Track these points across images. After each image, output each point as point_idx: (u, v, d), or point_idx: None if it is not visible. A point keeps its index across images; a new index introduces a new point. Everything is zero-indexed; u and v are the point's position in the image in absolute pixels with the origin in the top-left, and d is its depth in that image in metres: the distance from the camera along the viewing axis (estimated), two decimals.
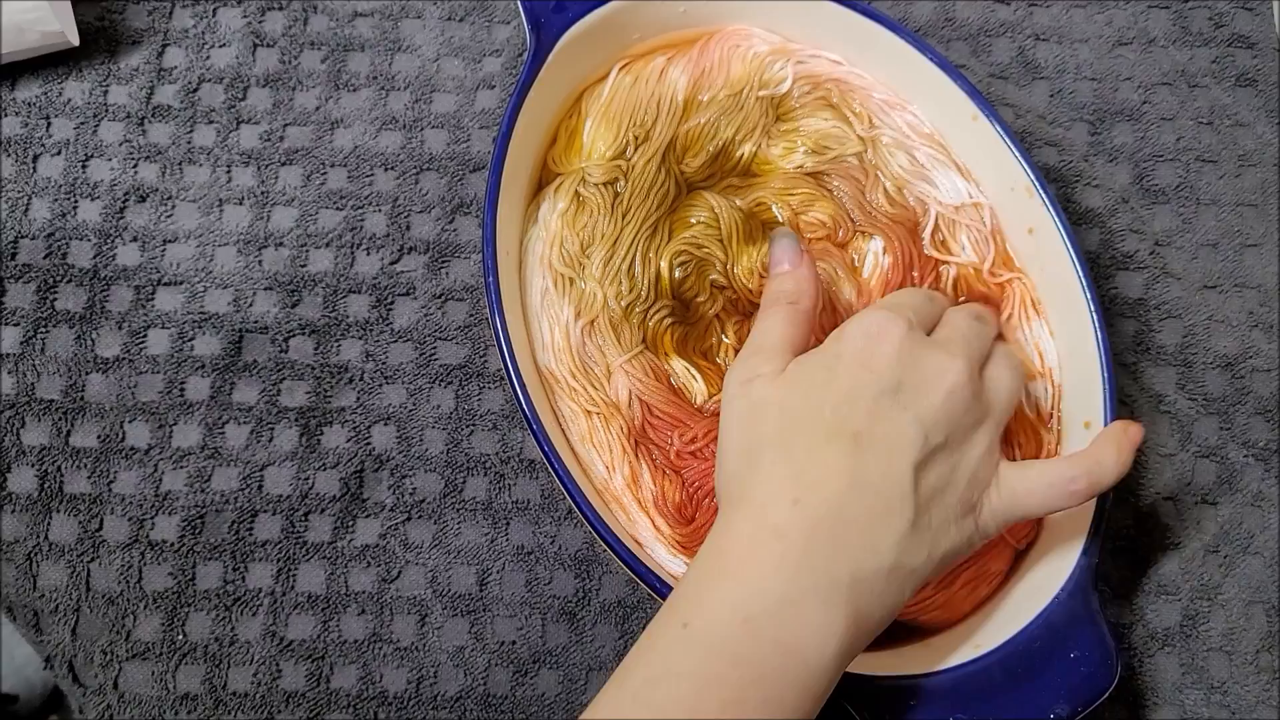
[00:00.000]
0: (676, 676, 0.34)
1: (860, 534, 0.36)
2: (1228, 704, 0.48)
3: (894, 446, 0.37)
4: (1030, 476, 0.40)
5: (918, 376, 0.39)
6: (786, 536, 0.36)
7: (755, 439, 0.39)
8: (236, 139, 0.54)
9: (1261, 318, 0.54)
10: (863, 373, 0.38)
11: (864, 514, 0.36)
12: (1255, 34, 0.59)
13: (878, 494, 0.36)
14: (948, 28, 0.59)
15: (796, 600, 0.35)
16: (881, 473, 0.37)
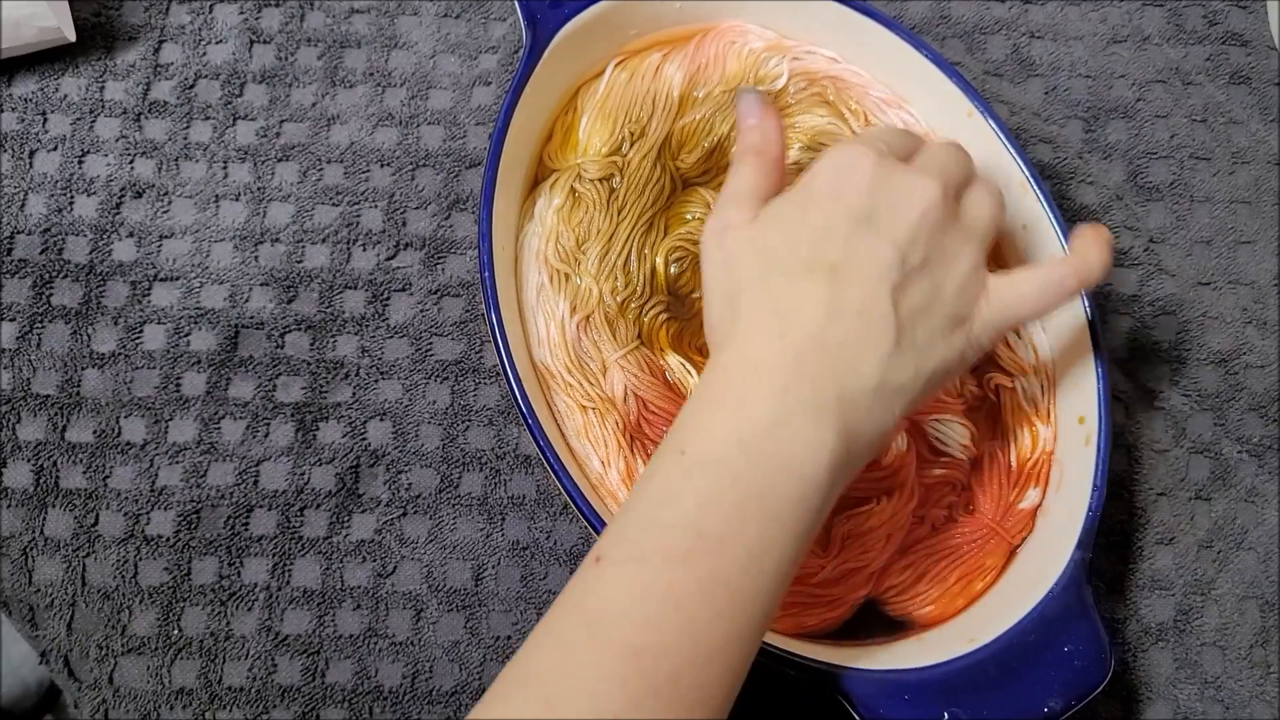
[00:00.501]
0: (678, 497, 0.35)
1: (843, 357, 0.37)
2: (1221, 699, 0.49)
3: (871, 273, 0.37)
4: (1019, 282, 0.40)
5: (891, 200, 0.39)
6: (772, 366, 0.36)
7: (734, 284, 0.39)
8: (233, 135, 0.54)
9: (1255, 314, 0.54)
10: (834, 205, 0.39)
11: (846, 338, 0.37)
12: (1249, 32, 0.59)
13: (858, 317, 0.37)
14: (943, 25, 0.59)
15: (786, 421, 0.35)
16: (860, 298, 0.37)
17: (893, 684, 0.42)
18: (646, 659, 0.32)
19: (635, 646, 0.33)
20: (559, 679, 0.33)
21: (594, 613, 0.34)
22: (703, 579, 0.34)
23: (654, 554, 0.34)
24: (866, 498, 0.47)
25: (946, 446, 0.48)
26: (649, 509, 0.36)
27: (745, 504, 0.35)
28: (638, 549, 0.35)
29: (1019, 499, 0.48)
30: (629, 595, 0.34)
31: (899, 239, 0.38)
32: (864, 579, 0.46)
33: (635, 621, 0.33)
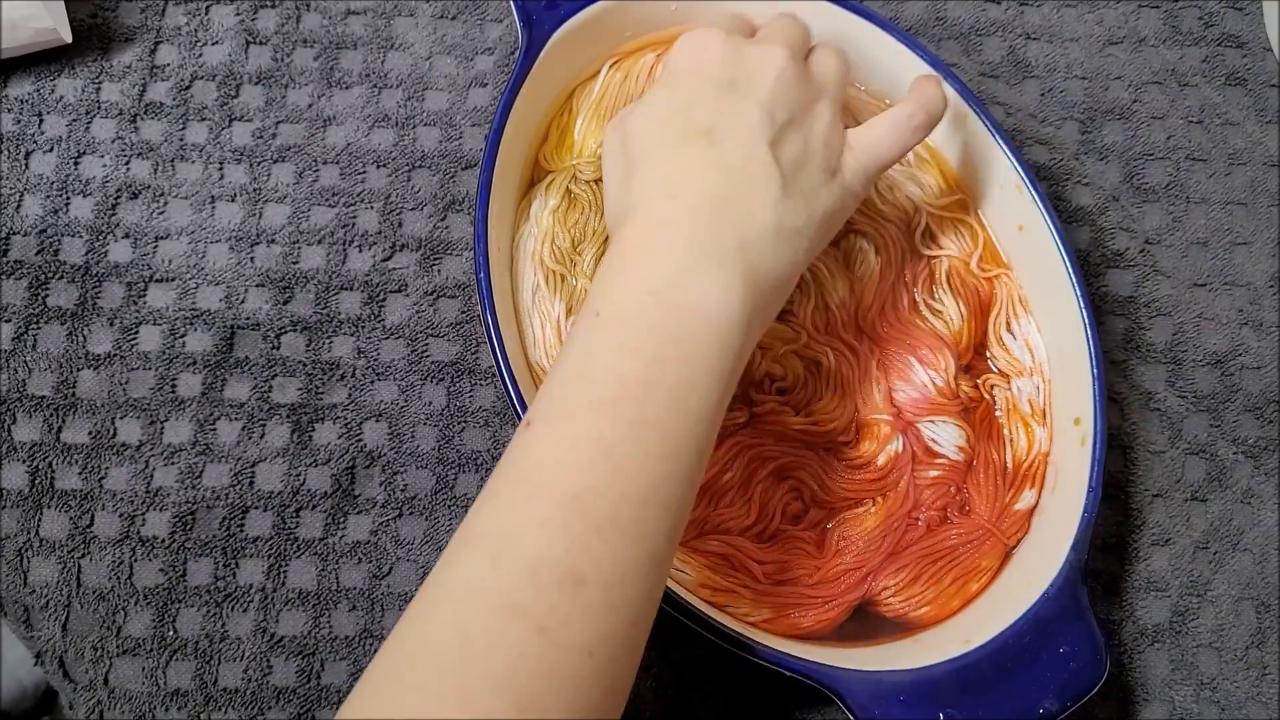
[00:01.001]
0: (598, 352, 0.36)
1: (737, 207, 0.39)
2: (1217, 700, 0.49)
3: (744, 131, 0.40)
4: (874, 128, 0.44)
5: (747, 69, 0.42)
6: (670, 223, 0.38)
7: (624, 167, 0.41)
8: (229, 136, 0.54)
9: (1251, 315, 0.54)
10: (696, 79, 0.42)
11: (735, 190, 0.39)
12: (1245, 33, 0.60)
13: (743, 172, 0.39)
14: (939, 27, 0.59)
15: (692, 268, 0.37)
16: (740, 155, 0.40)
17: (888, 685, 0.42)
18: (585, 501, 0.33)
19: (572, 492, 0.33)
20: (503, 533, 0.33)
21: (529, 469, 0.35)
22: (631, 423, 0.35)
23: (580, 408, 0.35)
24: (861, 499, 0.47)
25: (942, 448, 0.48)
26: (571, 368, 0.37)
27: (663, 349, 0.36)
28: (565, 406, 0.36)
29: (1014, 500, 0.48)
30: (561, 447, 0.35)
31: (762, 99, 0.41)
32: (859, 580, 0.46)
33: (569, 470, 0.34)
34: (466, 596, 0.33)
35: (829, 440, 0.48)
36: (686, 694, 0.47)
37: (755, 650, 0.42)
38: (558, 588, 0.32)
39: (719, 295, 0.37)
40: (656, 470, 0.35)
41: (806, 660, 0.42)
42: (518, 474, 0.35)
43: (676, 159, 0.40)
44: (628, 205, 0.40)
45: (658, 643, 0.48)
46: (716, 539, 0.46)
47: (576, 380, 0.36)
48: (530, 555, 0.33)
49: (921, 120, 0.44)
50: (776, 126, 0.40)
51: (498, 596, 0.32)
